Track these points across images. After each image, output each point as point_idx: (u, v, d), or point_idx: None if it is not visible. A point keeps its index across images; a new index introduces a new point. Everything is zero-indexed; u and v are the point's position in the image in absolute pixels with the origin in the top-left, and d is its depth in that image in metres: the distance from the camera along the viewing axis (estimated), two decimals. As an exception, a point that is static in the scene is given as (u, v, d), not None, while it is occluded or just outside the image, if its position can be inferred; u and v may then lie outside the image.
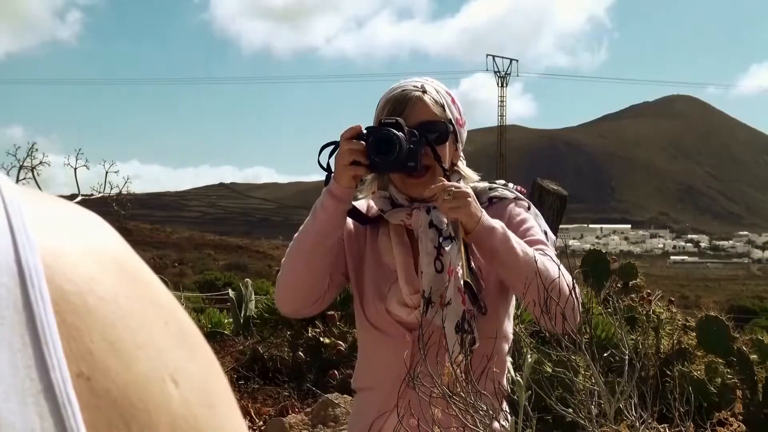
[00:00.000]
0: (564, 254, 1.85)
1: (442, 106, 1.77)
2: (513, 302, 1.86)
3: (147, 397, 0.34)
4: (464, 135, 1.84)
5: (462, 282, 1.68)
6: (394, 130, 1.67)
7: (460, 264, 1.69)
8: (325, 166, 1.75)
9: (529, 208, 1.86)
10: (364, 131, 1.71)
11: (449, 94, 1.81)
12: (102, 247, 0.36)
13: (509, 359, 1.84)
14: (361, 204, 1.85)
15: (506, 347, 1.80)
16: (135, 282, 0.36)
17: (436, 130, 1.74)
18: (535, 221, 1.83)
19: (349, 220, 1.82)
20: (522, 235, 1.74)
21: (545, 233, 1.81)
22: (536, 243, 1.73)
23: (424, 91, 1.75)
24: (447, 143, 1.77)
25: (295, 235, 1.77)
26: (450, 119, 1.78)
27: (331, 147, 1.75)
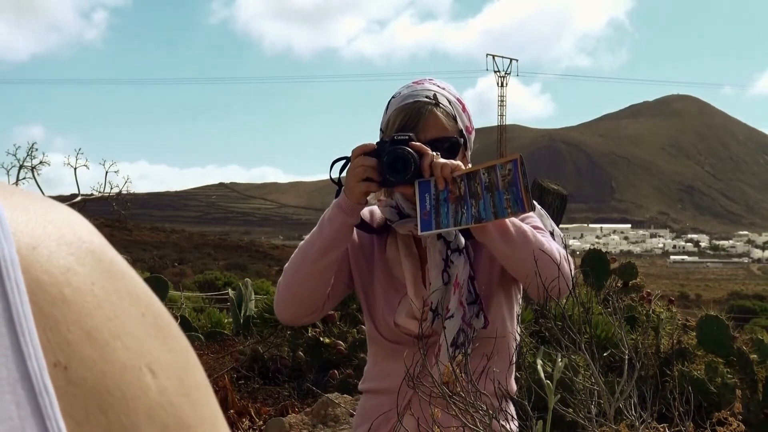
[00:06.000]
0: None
1: (454, 118, 1.75)
2: (518, 302, 1.85)
3: (124, 386, 0.34)
4: (473, 140, 1.84)
5: (465, 295, 1.68)
6: (408, 149, 1.66)
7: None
8: (336, 181, 1.76)
9: (534, 209, 1.86)
10: (376, 146, 1.70)
11: (460, 102, 1.79)
12: (77, 239, 0.36)
13: (540, 362, 1.83)
14: (364, 211, 1.82)
15: (513, 345, 1.79)
16: (111, 274, 0.37)
17: (448, 144, 1.73)
18: (540, 221, 1.82)
19: (355, 230, 1.80)
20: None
21: (551, 233, 1.80)
22: (534, 228, 1.73)
23: (437, 104, 1.73)
24: (457, 155, 1.75)
25: (300, 243, 1.77)
26: (461, 129, 1.77)
27: (343, 162, 1.75)
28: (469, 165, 1.80)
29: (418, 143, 1.68)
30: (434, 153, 1.67)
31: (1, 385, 0.31)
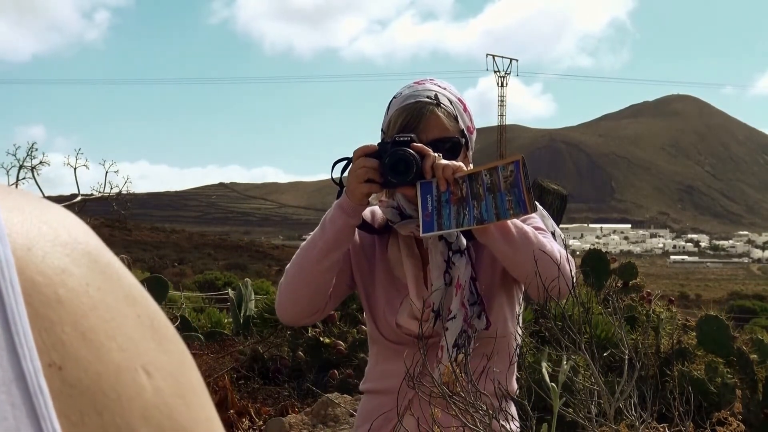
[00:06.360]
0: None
1: (455, 118, 1.75)
2: (519, 302, 1.85)
3: (119, 387, 0.34)
4: (474, 140, 1.83)
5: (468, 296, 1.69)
6: (410, 150, 1.66)
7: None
8: (337, 181, 1.76)
9: (536, 210, 1.86)
10: (377, 147, 1.70)
11: (461, 102, 1.79)
12: (73, 240, 0.36)
13: (545, 364, 1.82)
14: (365, 211, 1.81)
15: (513, 345, 1.79)
16: (106, 275, 0.36)
17: (449, 144, 1.73)
18: (542, 222, 1.82)
19: (357, 230, 1.80)
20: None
21: (553, 234, 1.80)
22: (535, 229, 1.73)
23: (438, 104, 1.73)
24: (459, 156, 1.75)
25: (302, 244, 1.77)
26: (462, 129, 1.76)
27: (344, 162, 1.75)
28: (471, 165, 1.80)
29: (419, 144, 1.67)
30: (436, 154, 1.67)
31: None
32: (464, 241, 1.74)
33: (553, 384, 1.53)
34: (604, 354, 3.56)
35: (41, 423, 0.31)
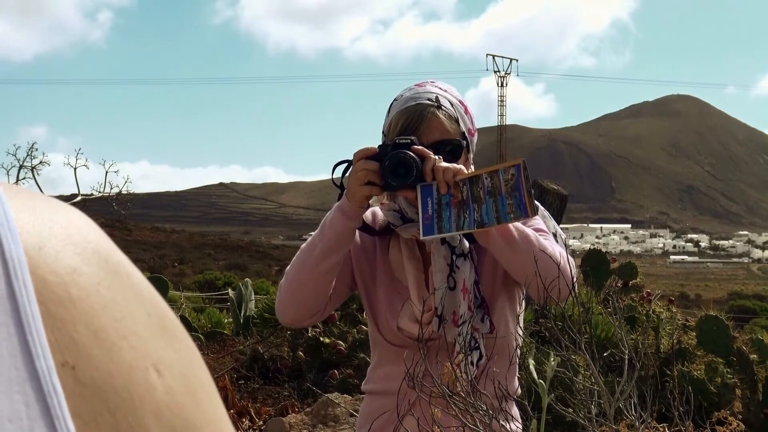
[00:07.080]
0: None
1: (456, 121, 1.74)
2: (520, 303, 1.85)
3: (131, 386, 0.34)
4: (475, 142, 1.83)
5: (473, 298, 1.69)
6: (411, 153, 1.66)
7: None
8: (338, 184, 1.75)
9: (537, 212, 1.86)
10: (378, 150, 1.69)
11: (462, 104, 1.78)
12: (83, 239, 0.37)
13: (531, 361, 1.82)
14: (366, 212, 1.81)
15: (513, 345, 1.79)
16: (116, 274, 0.37)
17: (450, 147, 1.72)
18: (543, 223, 1.82)
19: (357, 232, 1.79)
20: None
21: (554, 234, 1.80)
22: (536, 231, 1.73)
23: (439, 106, 1.72)
24: (460, 159, 1.74)
25: (302, 246, 1.76)
26: (463, 132, 1.75)
27: (345, 165, 1.75)
28: (472, 167, 1.79)
29: (420, 147, 1.67)
30: (437, 157, 1.67)
31: (10, 385, 0.31)
32: (467, 244, 1.74)
33: (541, 381, 1.53)
34: (604, 354, 3.56)
35: (55, 422, 0.32)
